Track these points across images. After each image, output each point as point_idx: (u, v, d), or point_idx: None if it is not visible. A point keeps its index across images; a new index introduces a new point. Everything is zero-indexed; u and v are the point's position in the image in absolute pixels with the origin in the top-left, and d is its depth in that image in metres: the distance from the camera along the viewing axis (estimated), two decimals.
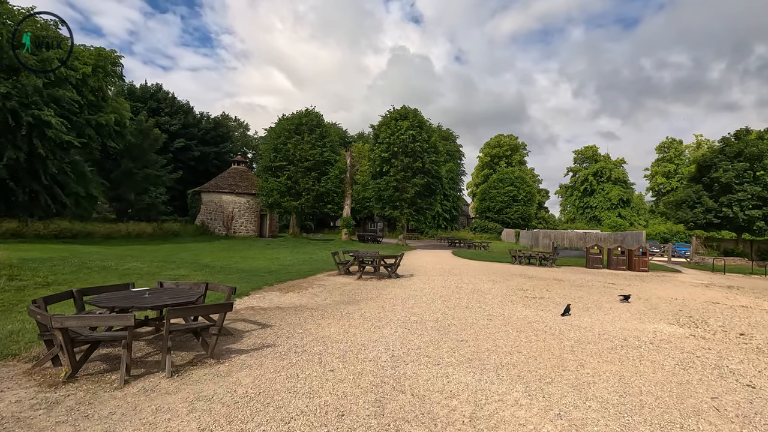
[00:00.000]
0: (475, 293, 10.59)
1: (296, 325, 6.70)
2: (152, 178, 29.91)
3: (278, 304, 8.35)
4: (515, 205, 54.04)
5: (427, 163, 29.00)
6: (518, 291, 11.23)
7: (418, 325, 6.96)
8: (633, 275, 17.12)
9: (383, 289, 10.66)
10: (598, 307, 9.22)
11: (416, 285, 11.69)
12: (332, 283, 11.58)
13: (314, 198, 31.69)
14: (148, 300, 4.91)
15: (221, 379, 4.34)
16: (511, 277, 14.61)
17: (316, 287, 10.73)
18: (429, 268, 16.57)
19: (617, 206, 67.59)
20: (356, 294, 9.85)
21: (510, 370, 4.83)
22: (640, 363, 5.28)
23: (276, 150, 31.39)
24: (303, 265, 16.03)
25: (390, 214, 30.87)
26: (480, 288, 11.52)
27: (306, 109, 32.92)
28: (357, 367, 4.79)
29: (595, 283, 13.76)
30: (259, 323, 6.74)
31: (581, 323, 7.47)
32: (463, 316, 7.79)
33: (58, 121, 20.24)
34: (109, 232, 24.25)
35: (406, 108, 30.09)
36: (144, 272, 11.93)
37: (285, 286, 10.69)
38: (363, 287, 10.93)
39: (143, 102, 39.79)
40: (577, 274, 16.78)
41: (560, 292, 11.16)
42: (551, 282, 13.49)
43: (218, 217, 34.55)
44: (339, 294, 9.80)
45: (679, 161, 64.95)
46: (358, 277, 12.47)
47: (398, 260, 13.22)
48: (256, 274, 12.81)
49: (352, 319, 7.25)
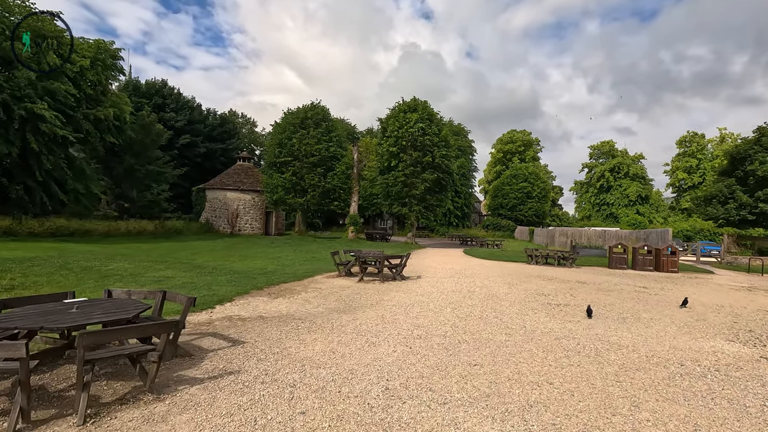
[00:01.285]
0: (490, 299, 9.34)
1: (275, 341, 5.57)
2: (154, 174, 29.19)
3: (262, 313, 7.24)
4: (529, 201, 52.29)
5: (437, 157, 27.62)
6: (538, 296, 9.94)
7: (421, 341, 5.77)
8: (662, 277, 15.62)
9: (385, 294, 9.48)
10: (635, 317, 7.90)
11: (423, 289, 10.48)
12: (329, 286, 10.44)
13: (320, 195, 30.64)
14: (70, 317, 3.81)
15: (151, 427, 3.22)
16: (528, 279, 13.29)
17: (310, 291, 9.60)
18: (438, 269, 15.34)
19: (635, 203, 65.18)
20: (354, 300, 8.69)
21: (541, 415, 3.61)
22: (713, 402, 4.00)
23: (281, 145, 30.40)
24: (303, 266, 14.96)
25: (398, 211, 29.61)
26: (495, 292, 10.26)
27: (312, 102, 31.85)
28: (337, 408, 3.62)
29: (623, 286, 12.36)
30: (231, 339, 5.62)
31: (621, 340, 6.18)
32: (476, 329, 6.57)
33: (52, 115, 19.50)
34: (108, 230, 23.56)
35: (416, 100, 28.73)
36: (127, 273, 10.97)
37: (276, 290, 9.59)
38: (363, 291, 9.76)
39: (148, 98, 39.21)
40: (601, 275, 15.36)
41: (587, 298, 9.83)
42: (574, 285, 12.15)
43: (223, 215, 33.77)
44: (334, 300, 8.66)
45: (701, 156, 62.20)
46: (359, 280, 11.31)
47: (404, 261, 12.03)
48: (248, 275, 11.76)
49: (343, 333, 6.09)
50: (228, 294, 8.69)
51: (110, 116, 23.89)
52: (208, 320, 6.63)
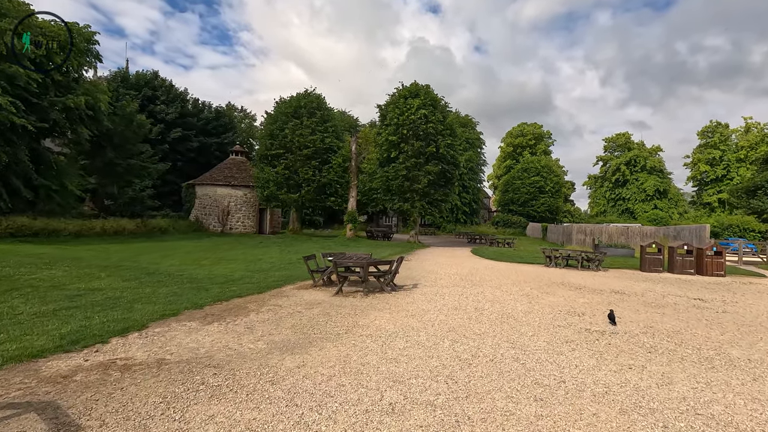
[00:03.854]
0: (505, 321, 6.88)
1: (134, 428, 3.20)
2: (137, 169, 27.05)
3: (167, 354, 4.89)
4: (542, 196, 49.40)
5: (441, 147, 24.99)
6: (569, 316, 7.46)
7: (393, 420, 3.36)
8: (711, 283, 12.98)
9: (364, 315, 7.08)
10: (724, 357, 5.37)
11: (416, 305, 8.06)
12: (294, 302, 8.06)
13: (315, 190, 28.27)
14: None
15: None
16: (550, 287, 10.78)
17: (264, 311, 7.24)
18: (440, 274, 12.89)
19: (653, 198, 61.73)
20: (317, 326, 6.30)
21: None
22: None
23: (272, 136, 28.09)
24: (279, 271, 12.64)
25: (400, 207, 27.10)
26: (511, 311, 7.79)
27: (306, 90, 29.45)
28: None
29: (674, 298, 9.79)
30: (53, 424, 3.26)
31: (728, 411, 3.69)
32: (485, 387, 4.14)
33: (7, 101, 17.41)
34: (80, 229, 21.48)
35: (417, 84, 26.08)
36: (46, 285, 8.71)
37: (219, 310, 7.24)
38: (335, 311, 7.37)
39: (137, 89, 37.16)
40: (637, 281, 12.78)
41: (635, 319, 7.32)
42: (610, 297, 9.62)
43: (213, 212, 31.63)
44: (289, 326, 6.28)
45: (725, 147, 58.39)
46: (335, 292, 8.92)
47: (395, 266, 9.60)
48: (202, 286, 9.46)
49: (268, 399, 3.70)
50: (145, 317, 6.37)
51: (82, 105, 21.78)
52: (69, 370, 4.29)
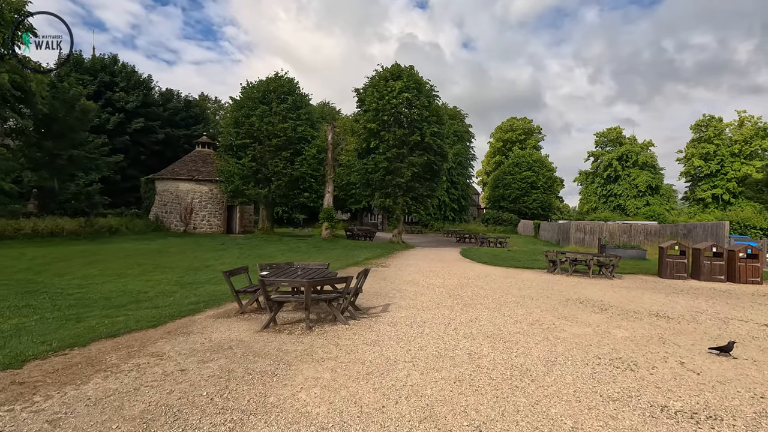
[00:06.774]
0: (518, 386, 4.12)
1: None
2: (81, 160, 23.70)
3: None
4: (534, 192, 47.15)
5: (427, 135, 22.21)
6: (615, 368, 4.75)
7: None
8: (753, 293, 10.51)
9: (286, 378, 4.23)
10: None
11: (380, 348, 5.26)
12: (191, 347, 5.18)
13: (286, 184, 25.30)
14: None
15: None
16: (566, 307, 8.11)
17: (124, 372, 4.35)
18: (422, 287, 10.15)
19: (645, 193, 60.31)
20: (180, 419, 3.45)
21: None
22: None
23: (237, 124, 25.00)
24: (214, 285, 9.78)
25: (381, 203, 24.31)
26: (524, 360, 5.02)
27: (275, 73, 26.37)
28: None
29: (735, 323, 7.19)
30: None
31: None
32: None
33: None
34: (2, 231, 18.22)
35: (399, 66, 23.23)
36: None
37: (48, 369, 4.32)
38: (243, 369, 4.52)
39: (92, 75, 33.58)
40: (668, 294, 10.21)
41: (716, 371, 4.66)
42: (654, 323, 6.97)
43: (175, 210, 28.40)
44: (127, 419, 3.41)
45: (719, 141, 56.96)
46: (264, 326, 6.08)
47: (353, 285, 6.82)
48: (81, 313, 6.58)
49: None
50: None
51: (5, 83, 18.49)
52: None
